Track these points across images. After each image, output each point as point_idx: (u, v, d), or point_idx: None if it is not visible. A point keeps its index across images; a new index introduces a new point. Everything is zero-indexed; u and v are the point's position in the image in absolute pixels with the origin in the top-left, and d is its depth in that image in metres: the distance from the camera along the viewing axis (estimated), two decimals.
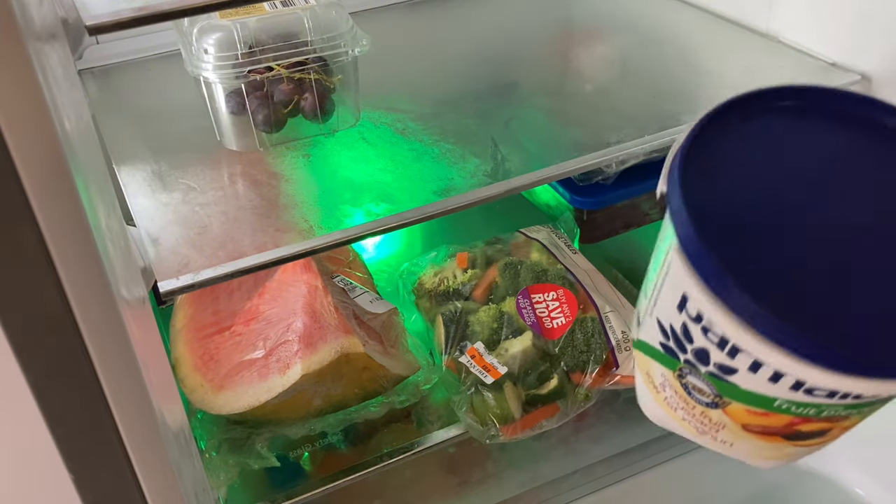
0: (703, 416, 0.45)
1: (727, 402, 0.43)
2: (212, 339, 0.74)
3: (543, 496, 0.91)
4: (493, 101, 0.79)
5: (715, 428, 0.46)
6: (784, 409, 0.41)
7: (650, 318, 0.46)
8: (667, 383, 0.46)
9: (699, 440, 0.48)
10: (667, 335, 0.44)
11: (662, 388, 0.47)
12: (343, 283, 0.80)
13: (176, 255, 0.59)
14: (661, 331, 0.45)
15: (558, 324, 0.76)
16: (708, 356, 0.41)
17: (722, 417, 0.44)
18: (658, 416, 0.50)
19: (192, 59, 0.67)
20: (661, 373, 0.47)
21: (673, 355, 0.44)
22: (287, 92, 0.69)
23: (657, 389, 0.48)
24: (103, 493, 0.46)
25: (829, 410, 0.40)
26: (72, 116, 0.40)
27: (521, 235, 0.89)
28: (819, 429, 0.43)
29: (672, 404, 0.47)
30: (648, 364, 0.48)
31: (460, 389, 0.74)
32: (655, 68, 0.84)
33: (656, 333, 0.45)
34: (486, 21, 0.97)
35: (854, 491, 0.93)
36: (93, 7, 0.51)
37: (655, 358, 0.47)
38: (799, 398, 0.39)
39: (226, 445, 0.71)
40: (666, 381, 0.46)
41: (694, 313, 0.41)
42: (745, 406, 0.42)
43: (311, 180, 0.68)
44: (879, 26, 0.75)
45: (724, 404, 0.43)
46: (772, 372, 0.39)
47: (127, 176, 0.69)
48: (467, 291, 0.81)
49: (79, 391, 0.42)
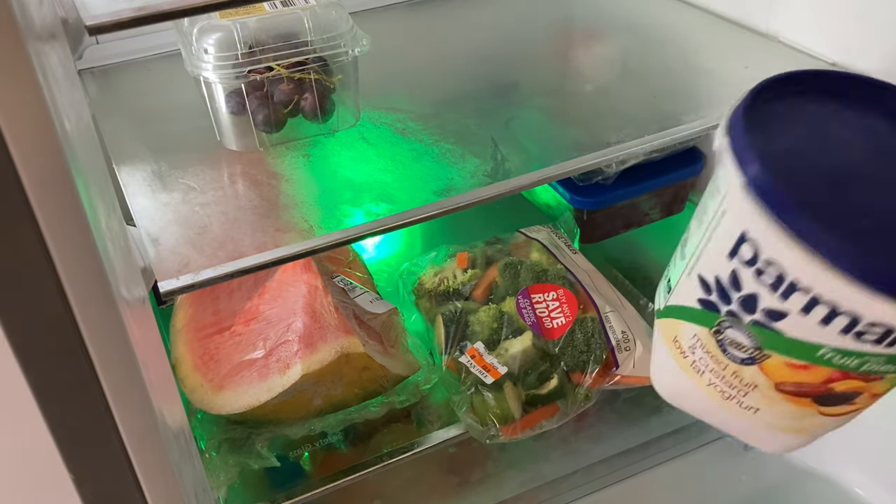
0: (734, 377, 0.45)
1: (766, 355, 0.43)
2: (212, 339, 0.74)
3: (543, 496, 0.91)
4: (493, 101, 0.79)
5: (744, 390, 0.45)
6: (826, 360, 0.41)
7: (688, 279, 0.46)
8: (698, 344, 0.46)
9: (721, 410, 0.47)
10: (709, 289, 0.44)
11: (692, 351, 0.47)
12: (343, 283, 0.80)
13: (176, 255, 0.59)
14: (702, 286, 0.45)
15: (558, 324, 0.76)
16: (756, 302, 0.41)
17: (755, 376, 0.44)
18: (677, 387, 0.50)
19: (192, 59, 0.67)
20: (693, 333, 0.46)
21: (713, 309, 0.44)
22: (287, 92, 0.69)
23: (684, 354, 0.48)
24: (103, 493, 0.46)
25: (870, 363, 0.40)
26: (72, 116, 0.40)
27: (521, 235, 0.89)
28: (852, 389, 0.42)
29: (700, 367, 0.47)
30: (677, 328, 0.48)
31: (460, 389, 0.74)
32: (655, 68, 0.84)
33: (695, 291, 0.45)
34: (486, 21, 0.97)
35: (854, 491, 0.93)
36: (93, 7, 0.51)
37: (689, 318, 0.46)
38: (846, 344, 0.39)
39: (226, 445, 0.71)
40: (697, 342, 0.46)
41: (749, 255, 0.41)
42: (785, 358, 0.42)
43: (311, 180, 0.68)
44: (879, 26, 0.75)
45: (763, 358, 0.43)
46: (827, 311, 0.39)
47: (127, 176, 0.69)
48: (467, 291, 0.81)
49: (79, 391, 0.42)
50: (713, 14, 0.93)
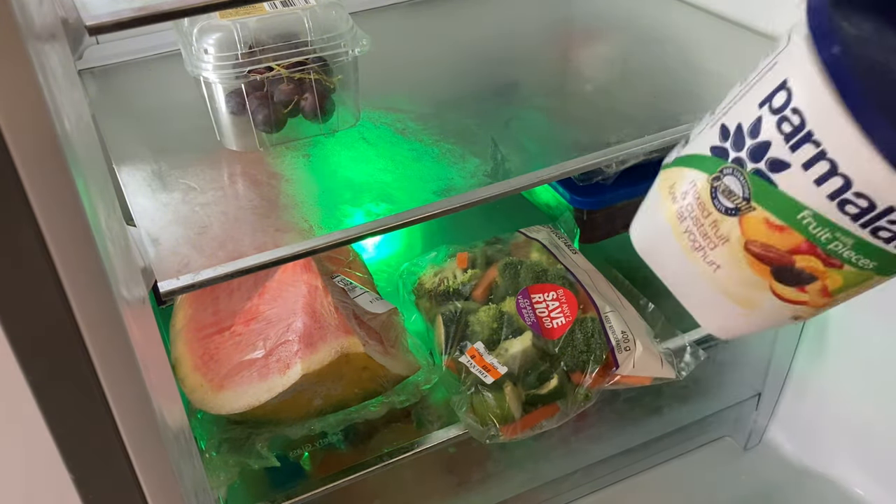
0: (712, 227, 0.48)
1: (752, 207, 0.45)
2: (212, 339, 0.74)
3: (543, 496, 0.91)
4: (493, 101, 0.79)
5: (714, 242, 0.48)
6: (803, 225, 0.43)
7: (710, 129, 0.48)
8: (692, 190, 0.49)
9: (685, 263, 0.50)
10: (726, 136, 0.47)
11: (683, 197, 0.50)
12: (343, 283, 0.80)
13: (176, 255, 0.59)
14: (721, 134, 0.47)
15: (558, 324, 0.76)
16: (765, 150, 0.44)
17: (732, 229, 0.47)
18: (652, 234, 0.53)
19: (192, 59, 0.67)
20: (691, 179, 0.49)
21: (723, 156, 0.47)
22: (287, 92, 0.69)
23: (675, 199, 0.50)
24: (103, 493, 0.47)
25: (839, 242, 0.43)
26: (72, 116, 0.40)
27: (521, 235, 0.89)
28: (809, 269, 0.45)
29: (683, 214, 0.50)
30: (679, 176, 0.50)
31: (460, 389, 0.74)
32: (655, 68, 0.84)
33: (712, 139, 0.48)
34: (486, 21, 0.97)
35: (854, 491, 0.93)
36: (93, 7, 0.51)
37: (695, 165, 0.49)
38: (828, 211, 0.42)
39: (226, 445, 0.71)
40: (692, 188, 0.49)
41: (780, 103, 0.43)
42: (767, 214, 0.45)
43: (311, 180, 0.68)
44: None
45: (747, 210, 0.45)
46: (825, 169, 0.41)
47: (127, 176, 0.69)
48: (467, 291, 0.81)
49: (79, 391, 0.42)
50: (713, 14, 0.93)
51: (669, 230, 0.51)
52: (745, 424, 1.01)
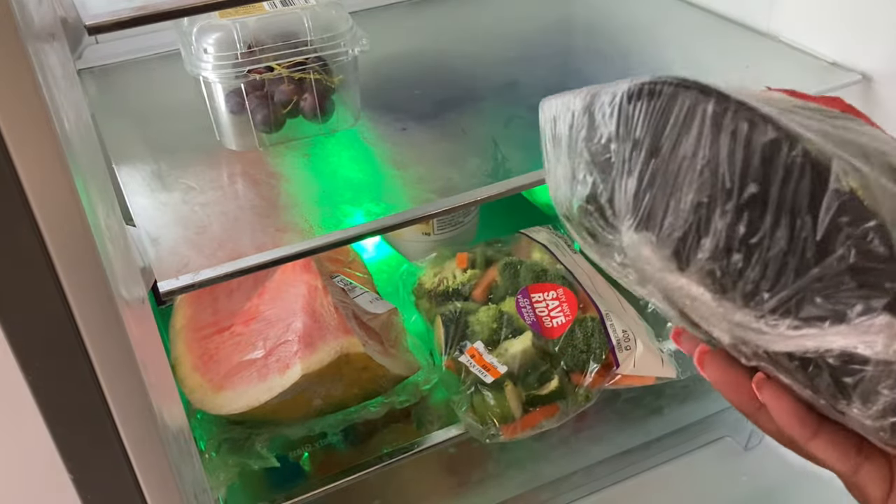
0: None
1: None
2: (211, 340, 0.74)
3: (543, 496, 0.91)
4: (493, 101, 0.79)
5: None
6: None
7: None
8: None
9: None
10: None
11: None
12: (343, 283, 0.80)
13: (175, 255, 0.59)
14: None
15: (558, 323, 0.76)
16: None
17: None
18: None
19: (191, 58, 0.67)
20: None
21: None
22: (287, 92, 0.69)
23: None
24: (103, 493, 0.46)
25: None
26: (71, 116, 0.40)
27: (522, 236, 0.89)
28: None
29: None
30: None
31: (460, 389, 0.74)
32: (656, 68, 0.84)
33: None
34: (487, 21, 0.97)
35: None
36: (92, 7, 0.51)
37: None
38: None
39: (225, 445, 0.71)
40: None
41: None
42: None
43: (310, 180, 0.68)
44: (879, 26, 0.75)
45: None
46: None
47: (127, 176, 0.69)
48: (467, 291, 0.81)
49: (79, 391, 0.42)
50: (713, 14, 0.93)
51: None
52: (746, 425, 1.01)
